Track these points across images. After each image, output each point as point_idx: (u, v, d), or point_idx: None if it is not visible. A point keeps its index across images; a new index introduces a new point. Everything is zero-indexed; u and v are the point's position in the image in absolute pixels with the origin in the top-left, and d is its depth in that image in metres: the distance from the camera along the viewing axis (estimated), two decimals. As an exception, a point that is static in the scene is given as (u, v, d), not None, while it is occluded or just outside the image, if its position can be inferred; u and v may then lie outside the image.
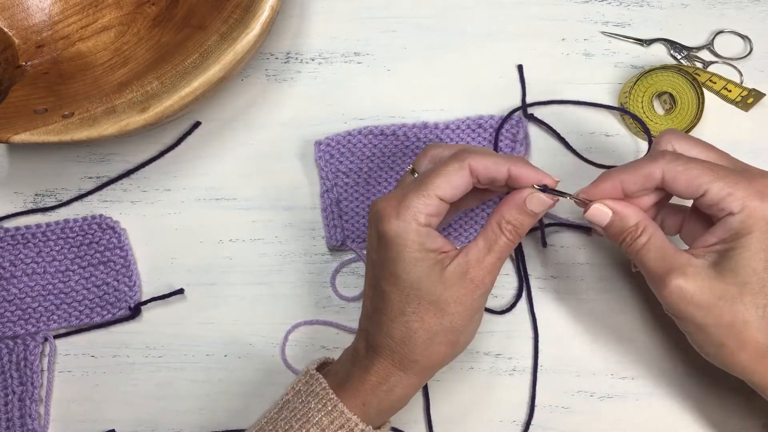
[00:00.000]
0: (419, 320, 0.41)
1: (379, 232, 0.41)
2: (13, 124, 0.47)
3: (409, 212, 0.40)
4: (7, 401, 0.50)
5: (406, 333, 0.41)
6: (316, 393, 0.42)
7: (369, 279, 0.43)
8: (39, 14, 0.55)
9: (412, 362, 0.42)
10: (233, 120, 0.55)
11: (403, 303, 0.41)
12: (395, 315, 0.41)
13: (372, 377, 0.42)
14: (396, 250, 0.40)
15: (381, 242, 0.41)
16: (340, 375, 0.43)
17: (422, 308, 0.41)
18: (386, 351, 0.42)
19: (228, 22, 0.48)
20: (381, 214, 0.41)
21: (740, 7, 0.54)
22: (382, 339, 0.42)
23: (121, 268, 0.52)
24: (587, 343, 0.50)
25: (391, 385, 0.42)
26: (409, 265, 0.41)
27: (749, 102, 0.52)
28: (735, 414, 0.49)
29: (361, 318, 0.44)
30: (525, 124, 0.52)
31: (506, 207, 0.41)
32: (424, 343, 0.41)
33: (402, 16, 0.56)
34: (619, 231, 0.42)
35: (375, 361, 0.42)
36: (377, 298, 0.42)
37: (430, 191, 0.41)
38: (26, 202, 0.54)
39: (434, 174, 0.41)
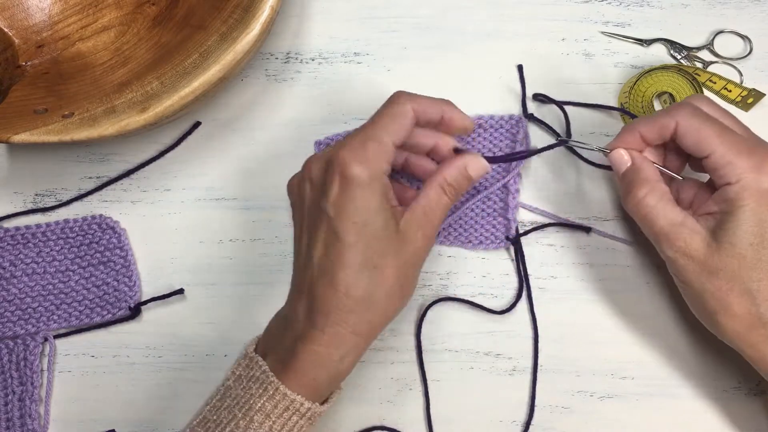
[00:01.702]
0: (380, 275, 0.40)
1: (344, 179, 0.40)
2: (13, 124, 0.47)
3: (375, 161, 0.40)
4: (7, 401, 0.50)
5: (367, 290, 0.40)
6: (256, 378, 0.40)
7: (318, 233, 0.40)
8: (39, 14, 0.55)
9: (368, 323, 0.40)
10: (233, 120, 0.55)
11: (365, 254, 0.39)
12: (356, 268, 0.39)
13: (321, 348, 0.40)
14: (364, 198, 0.39)
15: (346, 190, 0.39)
16: (280, 352, 0.41)
17: (382, 261, 0.40)
18: (340, 314, 0.39)
19: (228, 22, 0.48)
20: (346, 160, 0.40)
21: (740, 7, 0.54)
22: (338, 300, 0.39)
23: (121, 268, 0.52)
24: (587, 343, 0.50)
25: (343, 353, 0.40)
26: (374, 215, 0.40)
27: (749, 102, 0.52)
28: (735, 414, 0.49)
29: (300, 280, 0.41)
30: (525, 124, 0.52)
31: (449, 170, 0.43)
32: (383, 300, 0.40)
33: (402, 16, 0.56)
34: (634, 181, 0.43)
35: (324, 329, 0.40)
36: (332, 252, 0.40)
37: (385, 137, 0.41)
38: (26, 202, 0.54)
39: (384, 118, 0.41)
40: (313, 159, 0.43)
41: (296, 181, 0.44)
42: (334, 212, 0.40)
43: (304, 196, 0.42)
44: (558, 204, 0.52)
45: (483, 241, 0.51)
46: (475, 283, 0.51)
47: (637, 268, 0.51)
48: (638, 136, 0.44)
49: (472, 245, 0.51)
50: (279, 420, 0.40)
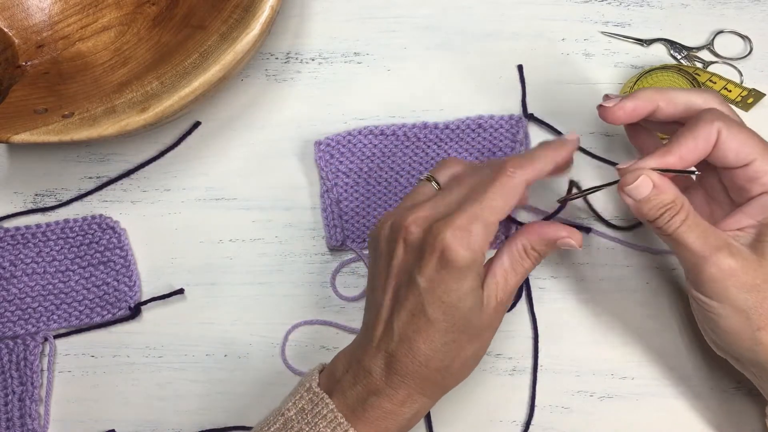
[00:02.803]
0: (458, 348, 0.40)
1: (443, 260, 0.39)
2: (13, 124, 0.47)
3: (478, 245, 0.39)
4: (7, 401, 0.50)
5: (443, 362, 0.40)
6: (323, 416, 0.40)
7: (407, 302, 0.40)
8: (39, 14, 0.55)
9: (441, 388, 0.41)
10: (233, 120, 0.55)
11: (449, 333, 0.40)
12: (438, 344, 0.40)
13: (394, 407, 0.40)
14: (459, 281, 0.39)
15: (442, 270, 0.39)
16: (350, 400, 0.41)
17: (464, 337, 0.40)
18: (417, 378, 0.40)
19: (228, 22, 0.48)
20: (449, 242, 0.39)
21: (740, 7, 0.54)
22: (416, 367, 0.40)
23: (121, 268, 0.52)
24: (587, 343, 0.50)
25: (414, 411, 0.41)
26: (465, 297, 0.39)
27: (749, 102, 0.52)
28: (735, 414, 0.49)
29: (379, 335, 0.41)
30: (525, 124, 0.52)
31: (535, 236, 0.41)
32: (458, 370, 0.41)
33: (402, 16, 0.56)
34: (657, 206, 0.40)
35: (399, 388, 0.40)
36: (416, 324, 0.40)
37: (492, 218, 0.40)
38: (26, 202, 0.54)
39: (495, 195, 0.40)
40: (413, 221, 0.40)
41: (388, 231, 0.42)
42: (425, 287, 0.39)
43: (395, 253, 0.41)
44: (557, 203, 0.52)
45: (483, 241, 0.51)
46: (475, 283, 0.51)
47: (637, 268, 0.51)
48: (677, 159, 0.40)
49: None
50: None
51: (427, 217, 0.40)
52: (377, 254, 0.43)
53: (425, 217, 0.40)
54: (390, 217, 0.42)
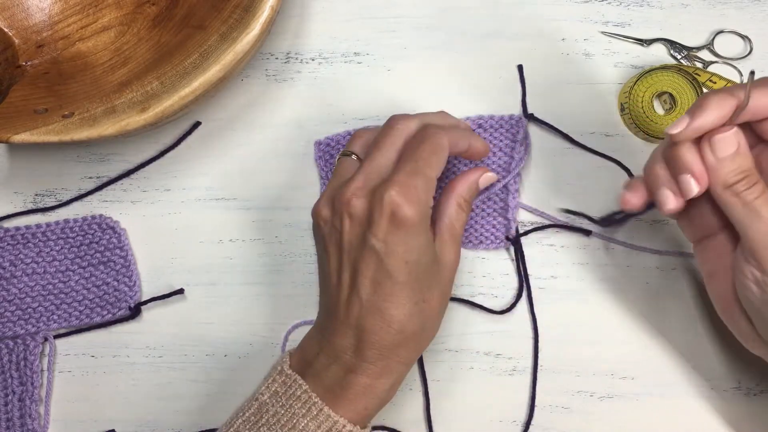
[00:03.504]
0: (429, 308, 0.40)
1: (395, 219, 0.39)
2: (13, 124, 0.47)
3: (423, 199, 0.40)
4: (7, 401, 0.50)
5: (420, 324, 0.40)
6: (297, 397, 0.40)
7: (368, 270, 0.40)
8: (39, 14, 0.55)
9: (416, 353, 0.41)
10: (233, 120, 0.55)
11: (417, 292, 0.40)
12: (409, 307, 0.40)
13: (371, 380, 0.40)
14: (416, 236, 0.40)
15: (397, 230, 0.39)
16: (326, 381, 0.41)
17: (432, 293, 0.41)
18: (392, 349, 0.40)
19: (228, 22, 0.48)
20: (396, 200, 0.39)
21: (740, 7, 0.54)
22: (392, 336, 0.40)
23: (121, 268, 0.52)
24: (587, 343, 0.50)
25: (392, 381, 0.41)
26: (424, 252, 0.40)
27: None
28: (735, 414, 0.49)
29: (342, 313, 0.41)
30: (525, 124, 0.52)
31: (462, 185, 0.44)
32: (430, 329, 0.41)
33: (402, 16, 0.56)
34: (738, 170, 0.38)
35: (376, 362, 0.40)
36: (383, 292, 0.40)
37: (430, 173, 0.41)
38: (26, 202, 0.54)
39: (426, 153, 0.41)
40: (352, 193, 0.41)
41: (328, 213, 0.42)
42: (384, 251, 0.40)
43: (342, 230, 0.41)
44: (557, 202, 0.52)
45: (483, 241, 0.51)
46: (475, 283, 0.51)
47: (637, 268, 0.51)
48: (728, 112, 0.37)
49: (472, 245, 0.51)
50: None
51: (364, 186, 0.41)
52: (322, 238, 0.43)
53: (362, 186, 0.41)
54: (325, 200, 0.43)
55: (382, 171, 0.41)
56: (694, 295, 0.50)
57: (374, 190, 0.40)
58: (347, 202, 0.41)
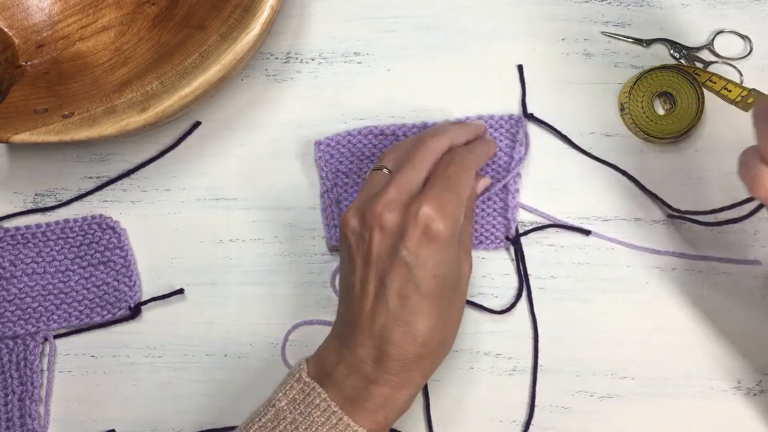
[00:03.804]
0: (451, 321, 0.41)
1: (427, 234, 0.40)
2: (13, 124, 0.47)
3: (455, 215, 0.41)
4: (7, 401, 0.50)
5: (442, 338, 0.41)
6: (316, 405, 0.40)
7: (395, 282, 0.40)
8: (39, 14, 0.55)
9: (436, 364, 0.42)
10: (233, 120, 0.55)
11: (443, 306, 0.40)
12: (435, 321, 0.40)
13: (392, 392, 0.40)
14: (446, 251, 0.40)
15: (428, 244, 0.40)
16: (346, 391, 0.41)
17: (454, 308, 0.41)
18: (415, 361, 0.40)
19: (228, 22, 0.48)
20: (429, 215, 0.40)
21: (740, 7, 0.54)
22: (417, 349, 0.40)
23: (121, 268, 0.52)
24: (587, 343, 0.50)
25: (412, 392, 0.41)
26: (452, 267, 0.41)
27: (749, 102, 0.52)
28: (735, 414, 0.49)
29: (365, 324, 0.41)
30: (524, 124, 0.52)
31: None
32: (450, 341, 0.42)
33: (402, 16, 0.56)
34: None
35: (398, 375, 0.40)
36: (410, 305, 0.40)
37: (460, 192, 0.42)
38: (26, 202, 0.54)
39: (458, 172, 0.42)
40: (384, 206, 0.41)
41: (357, 224, 0.42)
42: (415, 263, 0.40)
43: (372, 241, 0.41)
44: (558, 203, 0.52)
45: (483, 240, 0.51)
46: (475, 283, 0.51)
47: (637, 268, 0.51)
48: None
49: (473, 245, 0.51)
50: None
51: (397, 200, 0.41)
52: (348, 249, 0.43)
53: (394, 199, 0.41)
54: (354, 211, 0.43)
55: (413, 186, 0.42)
56: (694, 295, 0.50)
57: (407, 204, 0.41)
58: (379, 214, 0.41)
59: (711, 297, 0.50)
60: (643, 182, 0.51)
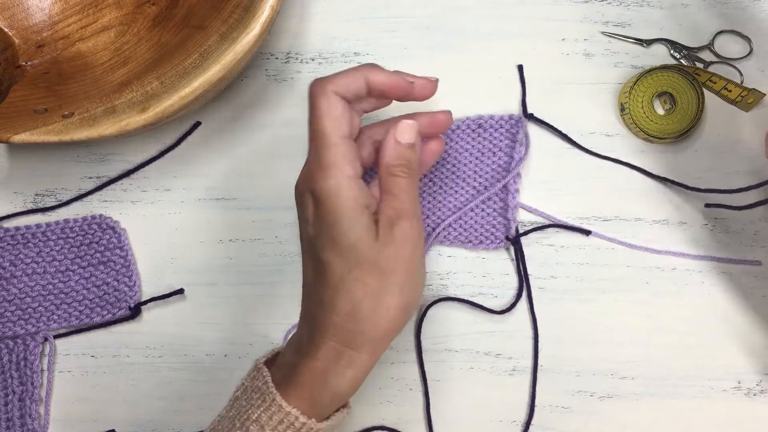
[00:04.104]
0: (362, 286, 0.38)
1: (314, 197, 0.39)
2: (13, 124, 0.47)
3: (333, 167, 0.39)
4: (7, 401, 0.50)
5: (351, 303, 0.38)
6: (257, 388, 0.40)
7: (307, 258, 0.41)
8: (39, 14, 0.55)
9: (362, 336, 0.39)
10: (233, 120, 0.55)
11: (344, 270, 0.38)
12: (337, 285, 0.39)
13: (319, 363, 0.39)
14: (335, 211, 0.39)
15: (318, 208, 0.39)
16: (285, 367, 0.40)
17: (364, 272, 0.38)
18: (332, 329, 0.39)
19: (228, 22, 0.48)
20: (309, 177, 0.40)
21: (740, 7, 0.54)
22: (326, 316, 0.39)
23: (121, 268, 0.52)
24: (587, 343, 0.50)
25: (341, 368, 0.39)
26: (349, 225, 0.38)
27: (749, 102, 0.52)
28: (735, 414, 0.49)
29: (303, 302, 0.41)
30: (524, 124, 0.52)
31: (385, 152, 0.41)
32: (371, 311, 0.39)
33: (402, 16, 0.56)
34: None
35: (320, 344, 0.39)
36: (317, 274, 0.40)
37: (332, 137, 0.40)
38: (26, 202, 0.54)
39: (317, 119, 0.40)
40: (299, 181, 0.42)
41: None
42: (312, 232, 0.40)
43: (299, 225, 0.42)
44: (558, 203, 0.52)
45: (483, 241, 0.51)
46: (475, 283, 0.52)
47: (637, 268, 0.51)
48: None
49: (472, 245, 0.51)
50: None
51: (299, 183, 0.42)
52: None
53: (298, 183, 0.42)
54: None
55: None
56: (694, 295, 0.50)
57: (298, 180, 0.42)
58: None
59: (711, 297, 0.50)
60: (644, 182, 0.51)
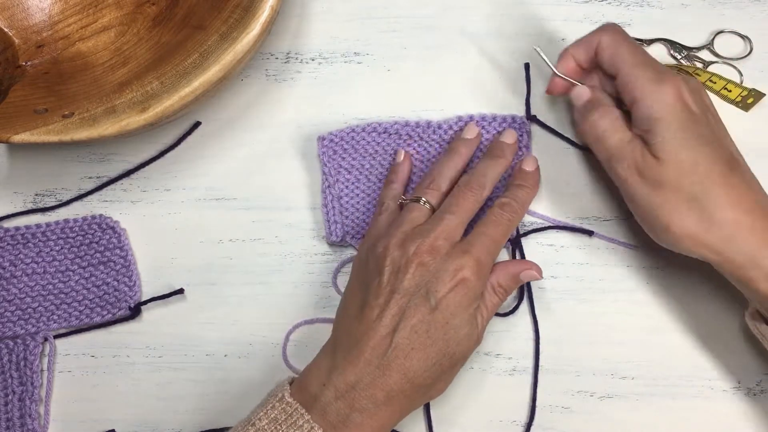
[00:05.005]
0: (442, 370, 0.43)
1: (462, 288, 0.43)
2: (13, 124, 0.47)
3: (486, 277, 0.45)
4: (7, 401, 0.50)
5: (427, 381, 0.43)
6: (299, 426, 0.41)
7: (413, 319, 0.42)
8: (39, 14, 0.55)
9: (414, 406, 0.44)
10: (233, 120, 0.55)
11: (441, 354, 0.42)
12: (430, 363, 0.42)
13: (376, 424, 0.42)
14: (467, 308, 0.44)
15: (458, 296, 0.43)
16: (330, 414, 0.41)
17: (451, 361, 0.43)
18: (400, 398, 0.42)
19: (228, 22, 0.48)
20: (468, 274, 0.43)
21: (740, 7, 0.54)
22: (404, 383, 0.42)
23: (121, 268, 0.52)
24: (587, 343, 0.50)
25: (390, 426, 0.43)
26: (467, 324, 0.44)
27: (749, 102, 0.52)
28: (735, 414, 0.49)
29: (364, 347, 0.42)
30: (527, 126, 0.52)
31: (502, 274, 0.46)
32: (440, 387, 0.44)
33: (402, 16, 0.56)
34: (589, 107, 0.46)
35: (386, 406, 0.42)
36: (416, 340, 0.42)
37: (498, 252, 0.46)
38: (26, 202, 0.54)
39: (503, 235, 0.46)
40: (430, 247, 0.44)
41: (398, 255, 0.44)
42: (437, 307, 0.42)
43: (407, 273, 0.43)
44: (558, 203, 0.52)
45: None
46: (475, 283, 0.51)
47: (637, 268, 0.51)
48: (572, 58, 0.47)
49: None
50: None
51: (442, 246, 0.44)
52: (380, 274, 0.44)
53: (440, 245, 0.44)
54: (399, 241, 0.44)
55: (456, 235, 0.45)
56: (694, 295, 0.50)
57: (449, 253, 0.43)
58: (424, 253, 0.43)
59: (711, 297, 0.50)
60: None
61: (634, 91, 0.43)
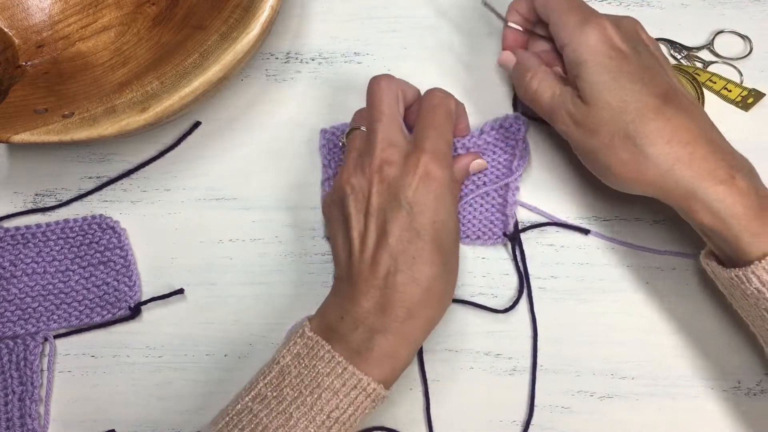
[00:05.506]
0: (451, 272, 0.43)
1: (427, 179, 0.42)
2: (13, 124, 0.47)
3: (449, 163, 0.44)
4: (7, 401, 0.50)
5: (443, 287, 0.42)
6: (321, 357, 0.41)
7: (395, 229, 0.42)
8: (39, 14, 0.55)
9: (438, 316, 0.43)
10: (233, 120, 0.55)
11: (444, 254, 0.42)
12: (439, 267, 0.42)
13: (399, 340, 0.41)
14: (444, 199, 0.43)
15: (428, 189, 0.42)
16: (353, 342, 0.41)
17: (453, 257, 0.43)
18: (420, 309, 0.41)
19: (228, 22, 0.48)
20: (429, 166, 0.42)
21: (740, 7, 0.54)
22: (420, 295, 0.41)
23: (121, 268, 0.52)
24: (587, 343, 0.50)
25: (414, 348, 0.42)
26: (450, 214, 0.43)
27: (749, 102, 0.52)
28: (735, 414, 0.49)
29: (367, 274, 0.42)
30: (525, 125, 0.52)
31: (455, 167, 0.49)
32: (449, 294, 0.43)
33: (402, 16, 0.56)
34: (520, 71, 0.47)
35: (405, 322, 0.41)
36: (413, 249, 0.41)
37: (449, 138, 0.45)
38: (26, 202, 0.54)
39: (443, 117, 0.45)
40: (383, 160, 0.43)
41: (356, 181, 0.44)
42: (415, 210, 0.42)
43: (371, 194, 0.43)
44: (558, 203, 0.52)
45: (480, 236, 0.51)
46: (475, 282, 0.51)
47: (637, 268, 0.51)
48: (515, 12, 0.49)
49: (470, 240, 0.51)
50: (346, 398, 0.40)
51: (391, 154, 0.43)
52: (344, 207, 0.44)
53: (388, 155, 0.43)
54: (353, 170, 0.44)
55: (392, 136, 0.44)
56: (694, 294, 0.50)
57: (405, 155, 0.43)
58: (378, 167, 0.43)
59: (711, 297, 0.50)
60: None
61: (562, 37, 0.43)
